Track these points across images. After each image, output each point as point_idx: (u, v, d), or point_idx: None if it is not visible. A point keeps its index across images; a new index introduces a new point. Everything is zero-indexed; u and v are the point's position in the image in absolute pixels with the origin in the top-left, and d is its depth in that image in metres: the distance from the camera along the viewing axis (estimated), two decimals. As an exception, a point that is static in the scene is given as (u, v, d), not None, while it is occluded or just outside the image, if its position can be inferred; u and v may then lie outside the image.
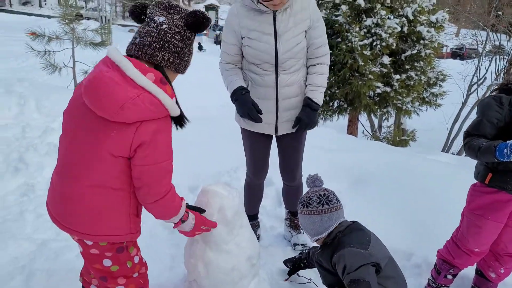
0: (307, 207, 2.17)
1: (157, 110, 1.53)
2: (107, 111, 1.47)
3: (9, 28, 24.01)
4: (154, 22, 1.60)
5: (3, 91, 5.56)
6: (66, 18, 8.31)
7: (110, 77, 1.48)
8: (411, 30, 9.69)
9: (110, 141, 1.52)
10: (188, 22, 1.62)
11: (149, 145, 1.54)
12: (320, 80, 2.55)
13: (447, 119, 13.19)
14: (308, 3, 2.44)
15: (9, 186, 3.63)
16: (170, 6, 1.65)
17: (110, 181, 1.60)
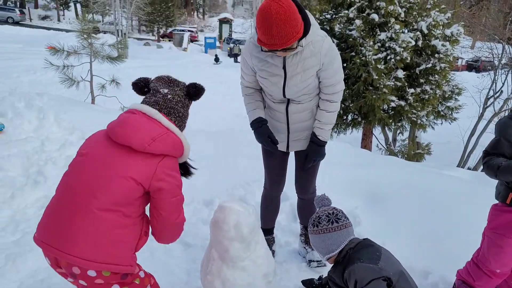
0: (317, 226, 2.20)
1: (178, 149, 1.85)
2: (140, 143, 1.72)
3: (29, 42, 24.62)
4: (160, 93, 1.92)
5: (23, 105, 5.68)
6: (84, 33, 8.49)
7: (138, 117, 1.80)
8: (426, 44, 9.66)
9: (135, 167, 1.71)
10: (189, 92, 1.99)
11: (170, 178, 1.79)
12: (327, 117, 2.56)
13: (463, 133, 13.04)
14: (319, 47, 2.34)
15: (29, 199, 3.70)
16: (170, 80, 1.99)
17: (123, 205, 1.69)
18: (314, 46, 2.33)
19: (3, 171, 4.03)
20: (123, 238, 1.71)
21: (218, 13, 57.40)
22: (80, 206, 1.64)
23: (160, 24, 41.87)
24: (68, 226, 1.63)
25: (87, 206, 1.63)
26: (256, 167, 4.03)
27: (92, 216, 1.62)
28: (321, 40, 2.35)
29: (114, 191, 1.66)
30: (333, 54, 2.40)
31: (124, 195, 1.68)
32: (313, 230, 2.23)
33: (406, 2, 9.81)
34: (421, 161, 11.24)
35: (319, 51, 2.34)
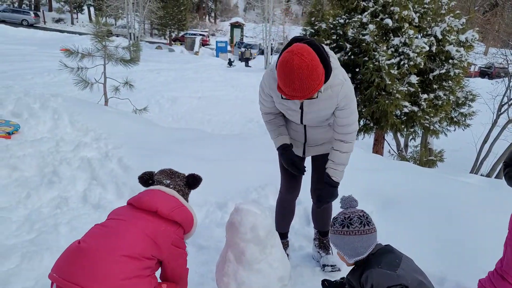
0: (348, 227, 2.11)
1: (189, 221, 2.15)
2: (166, 208, 2.02)
3: (43, 44, 24.95)
4: (163, 184, 2.20)
5: (38, 106, 5.74)
6: (98, 36, 8.58)
7: (161, 191, 2.13)
8: (440, 50, 9.59)
9: (158, 232, 1.95)
10: (189, 181, 2.32)
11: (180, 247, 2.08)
12: (341, 158, 2.54)
13: (476, 140, 12.91)
14: (337, 92, 2.31)
15: (44, 198, 3.73)
16: (171, 172, 2.32)
17: (142, 258, 1.85)
18: (332, 90, 2.30)
19: (19, 171, 4.07)
20: (140, 286, 1.83)
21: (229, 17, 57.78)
22: (104, 251, 1.78)
23: (172, 27, 42.21)
24: (94, 269, 1.73)
25: (111, 252, 1.77)
26: (269, 170, 4.03)
27: (115, 261, 1.76)
28: (340, 84, 2.31)
29: (137, 243, 1.85)
30: (350, 97, 2.38)
31: (144, 250, 1.86)
32: (341, 230, 2.12)
33: (420, 7, 9.76)
34: (433, 167, 11.14)
35: (336, 95, 2.31)
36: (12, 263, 2.70)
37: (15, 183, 3.90)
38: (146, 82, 17.20)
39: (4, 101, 5.72)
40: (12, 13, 38.68)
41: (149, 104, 10.78)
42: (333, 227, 2.19)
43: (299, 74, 2.00)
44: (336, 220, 2.18)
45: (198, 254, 3.08)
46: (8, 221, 3.25)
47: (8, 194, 3.71)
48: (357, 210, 2.18)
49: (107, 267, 1.73)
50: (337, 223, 2.17)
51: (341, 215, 2.18)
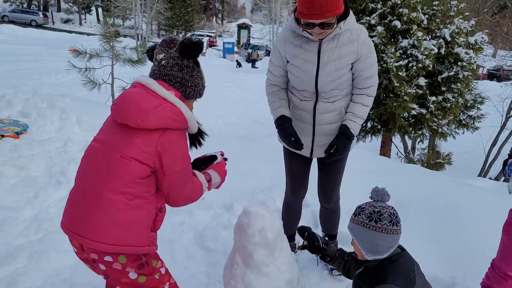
0: (375, 222, 1.93)
1: (178, 119, 1.70)
2: (133, 119, 1.62)
3: (52, 45, 25.10)
4: (156, 60, 1.80)
5: (46, 105, 5.77)
6: (106, 36, 8.63)
7: (136, 92, 1.70)
8: (449, 52, 9.53)
9: (135, 146, 1.65)
10: (181, 50, 1.78)
11: (172, 154, 1.70)
12: (362, 111, 2.47)
13: (485, 143, 12.82)
14: (357, 35, 2.29)
15: (51, 198, 3.74)
16: (170, 41, 1.84)
17: (130, 186, 1.65)
18: (351, 34, 2.28)
19: (27, 170, 4.09)
20: (136, 219, 1.67)
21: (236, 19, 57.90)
22: (92, 192, 1.65)
23: (179, 28, 42.39)
24: (84, 213, 1.66)
25: (98, 191, 1.64)
26: (276, 172, 4.01)
27: (103, 201, 1.62)
28: (359, 29, 2.32)
29: (120, 174, 1.64)
30: (370, 44, 2.37)
31: (131, 177, 1.64)
32: (368, 224, 1.94)
33: (429, 9, 9.71)
34: (441, 170, 11.07)
35: (357, 38, 2.29)
36: (20, 263, 2.70)
37: (22, 182, 3.92)
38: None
39: (13, 101, 5.76)
40: (21, 14, 39.02)
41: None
42: (357, 217, 2.00)
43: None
44: (362, 211, 2.00)
45: (206, 256, 3.07)
46: (16, 221, 3.26)
47: (16, 193, 3.72)
48: (388, 206, 2.00)
49: (98, 211, 1.62)
50: (363, 214, 1.98)
51: (370, 207, 1.99)
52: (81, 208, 1.68)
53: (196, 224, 3.43)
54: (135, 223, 1.67)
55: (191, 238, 3.25)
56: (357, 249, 2.04)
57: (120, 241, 1.64)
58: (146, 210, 1.71)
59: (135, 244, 1.67)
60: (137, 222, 1.68)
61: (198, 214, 3.55)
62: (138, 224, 1.68)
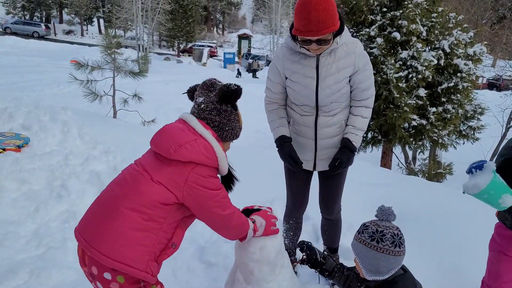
0: (377, 242, 1.90)
1: (210, 156, 1.74)
2: (168, 149, 1.68)
3: (54, 56, 25.24)
4: (196, 103, 1.87)
5: (48, 118, 5.79)
6: (108, 48, 8.69)
7: (175, 125, 1.79)
8: (448, 63, 9.59)
9: (166, 173, 1.69)
10: (219, 96, 1.82)
11: (203, 188, 1.72)
12: (362, 123, 2.52)
13: (485, 153, 12.81)
14: (354, 48, 2.35)
15: (52, 212, 3.73)
16: (210, 84, 1.88)
17: (149, 207, 1.66)
18: (348, 47, 2.34)
19: (28, 184, 4.09)
20: (141, 240, 1.66)
21: (237, 29, 58.24)
22: (111, 204, 1.69)
23: (180, 39, 42.63)
24: (97, 221, 1.69)
25: (116, 204, 1.67)
26: (277, 184, 4.00)
27: (119, 214, 1.65)
28: (355, 42, 2.38)
29: (143, 193, 1.67)
30: (366, 56, 2.43)
31: (152, 198, 1.67)
32: (370, 243, 1.92)
33: (428, 21, 9.78)
34: (442, 181, 11.05)
35: (353, 51, 2.34)
36: (21, 279, 2.69)
37: (24, 196, 3.92)
38: (154, 93, 17.30)
39: (15, 114, 5.78)
40: (23, 25, 39.31)
41: (157, 116, 10.85)
42: (360, 235, 1.98)
43: (315, 5, 2.05)
44: (366, 229, 1.97)
45: (207, 271, 3.06)
46: (17, 236, 3.26)
47: (17, 207, 3.72)
48: (392, 226, 1.96)
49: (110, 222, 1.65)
50: (366, 233, 1.95)
51: (374, 225, 1.96)
52: (96, 216, 1.72)
53: (197, 238, 3.42)
54: (138, 244, 1.66)
55: (192, 252, 3.24)
56: (359, 268, 2.02)
57: (119, 258, 1.62)
58: (156, 236, 1.70)
59: (131, 264, 1.64)
60: (141, 243, 1.66)
61: (199, 228, 3.54)
62: (141, 245, 1.66)
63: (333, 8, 2.12)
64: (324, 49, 2.27)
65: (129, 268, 1.64)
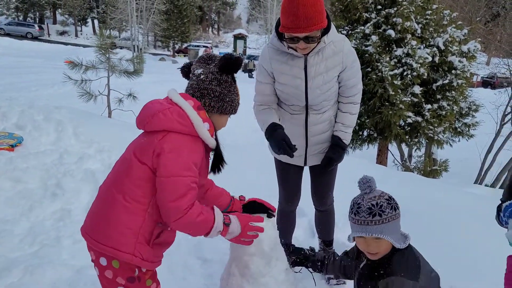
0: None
1: (184, 122, 1.66)
2: (142, 122, 1.69)
3: (48, 57, 25.16)
4: (194, 75, 1.81)
5: (42, 118, 5.76)
6: (102, 48, 8.66)
7: (156, 99, 1.77)
8: (442, 60, 9.62)
9: (139, 146, 1.69)
10: (221, 66, 1.77)
11: (169, 154, 1.60)
12: (351, 120, 2.53)
13: (480, 150, 12.88)
14: (342, 46, 2.32)
15: (47, 211, 3.71)
16: (208, 57, 1.84)
17: (129, 186, 1.64)
18: (335, 45, 2.30)
19: (22, 183, 4.07)
20: (127, 224, 1.62)
21: (232, 29, 58.24)
22: (106, 191, 1.72)
23: (175, 39, 42.59)
24: (94, 210, 1.73)
25: (108, 189, 1.69)
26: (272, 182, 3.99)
27: (109, 200, 1.67)
28: (342, 40, 2.35)
29: (127, 173, 1.66)
30: (354, 53, 2.41)
31: (134, 178, 1.64)
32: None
33: (422, 18, 9.82)
34: (437, 178, 11.09)
35: (341, 50, 2.31)
36: (15, 277, 2.68)
37: (18, 195, 3.90)
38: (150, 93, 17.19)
39: (8, 114, 5.75)
40: (17, 26, 39.15)
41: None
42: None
43: (303, 2, 2.01)
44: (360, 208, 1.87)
45: (203, 267, 3.06)
46: (11, 234, 3.24)
47: (12, 206, 3.70)
48: (383, 194, 1.89)
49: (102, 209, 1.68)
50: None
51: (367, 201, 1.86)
52: (94, 206, 1.76)
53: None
54: (125, 227, 1.62)
55: (189, 249, 3.23)
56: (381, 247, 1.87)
57: (108, 242, 1.62)
58: (141, 217, 1.64)
59: (118, 248, 1.61)
60: (128, 227, 1.63)
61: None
62: (128, 228, 1.63)
63: (321, 4, 2.09)
64: (311, 47, 2.22)
65: (116, 251, 1.62)
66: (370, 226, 1.83)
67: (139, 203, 1.64)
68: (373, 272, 1.92)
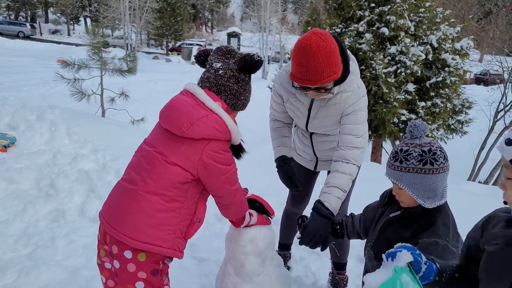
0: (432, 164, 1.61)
1: (222, 130, 1.70)
2: (180, 127, 1.66)
3: (40, 56, 24.95)
4: (213, 68, 1.80)
5: (35, 118, 5.72)
6: (95, 46, 8.59)
7: (184, 100, 1.73)
8: (436, 58, 9.65)
9: (180, 153, 1.69)
10: (241, 65, 1.78)
11: (216, 162, 1.71)
12: (340, 180, 2.10)
13: (473, 147, 12.95)
14: (345, 99, 2.14)
15: (40, 211, 3.69)
16: (227, 51, 1.82)
17: (168, 189, 1.69)
18: (341, 96, 2.15)
19: (15, 183, 4.04)
20: (166, 221, 1.70)
21: (226, 27, 58.09)
22: (131, 189, 1.72)
23: (169, 38, 42.42)
24: (120, 206, 1.73)
25: (135, 189, 1.70)
26: (268, 182, 4.00)
27: (139, 198, 1.68)
28: (351, 91, 2.15)
29: (160, 176, 1.69)
30: (359, 106, 2.17)
31: (170, 180, 1.69)
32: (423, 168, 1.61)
33: (415, 16, 9.84)
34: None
35: (344, 101, 2.15)
36: (9, 278, 2.66)
37: (11, 196, 3.87)
38: (144, 92, 17.20)
39: (0, 113, 5.69)
40: (8, 25, 38.79)
41: (147, 115, 10.79)
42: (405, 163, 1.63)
43: (315, 53, 1.86)
44: (409, 155, 1.63)
45: (199, 266, 3.05)
46: (5, 235, 3.22)
47: (5, 207, 3.67)
48: (432, 142, 1.66)
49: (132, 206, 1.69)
50: (412, 158, 1.62)
51: (417, 147, 1.63)
52: (118, 201, 1.76)
53: (188, 235, 3.40)
54: (165, 224, 1.70)
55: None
56: (407, 197, 1.69)
57: (146, 238, 1.67)
58: (179, 214, 1.74)
59: (160, 244, 1.69)
60: (167, 224, 1.71)
61: (190, 224, 3.53)
62: (167, 225, 1.71)
63: (335, 56, 1.92)
64: (323, 95, 2.09)
65: (157, 248, 1.69)
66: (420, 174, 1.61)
67: (178, 201, 1.72)
68: (410, 223, 1.72)
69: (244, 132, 8.05)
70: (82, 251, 3.03)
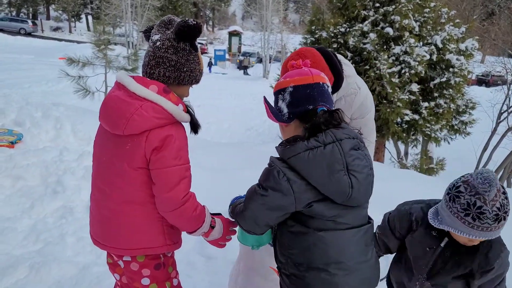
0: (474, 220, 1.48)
1: (162, 117, 1.56)
2: (118, 127, 1.56)
3: (41, 53, 24.96)
4: (152, 41, 1.64)
5: (40, 115, 5.72)
6: (99, 44, 8.60)
7: (116, 95, 1.60)
8: (440, 58, 9.64)
9: (126, 154, 1.59)
10: (176, 33, 1.60)
11: (160, 150, 1.55)
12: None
13: (476, 148, 12.93)
14: (351, 101, 2.19)
15: (48, 208, 3.68)
16: (168, 21, 1.67)
17: (135, 194, 1.62)
18: (346, 100, 2.18)
19: (23, 180, 4.03)
20: (149, 222, 1.66)
21: (227, 26, 58.00)
22: (104, 204, 1.68)
23: (170, 36, 42.30)
24: (102, 222, 1.70)
25: (108, 203, 1.66)
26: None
27: (115, 210, 1.65)
28: (354, 93, 2.19)
29: (123, 185, 1.61)
30: (366, 106, 2.23)
31: (133, 185, 1.60)
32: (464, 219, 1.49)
33: (420, 16, 9.83)
34: (433, 175, 11.14)
35: (350, 105, 2.18)
36: (21, 274, 2.67)
37: (19, 193, 3.87)
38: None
39: (6, 110, 5.69)
40: (10, 22, 38.69)
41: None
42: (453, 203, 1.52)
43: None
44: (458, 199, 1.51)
45: (207, 264, 3.05)
46: (14, 231, 3.21)
47: (12, 204, 3.67)
48: (496, 196, 1.47)
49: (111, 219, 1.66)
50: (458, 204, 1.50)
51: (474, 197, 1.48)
52: (97, 218, 1.73)
53: (197, 232, 3.41)
54: (149, 225, 1.67)
55: (192, 246, 3.22)
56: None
57: (138, 245, 1.67)
58: (157, 211, 1.66)
59: (152, 246, 1.68)
60: (151, 224, 1.67)
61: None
62: (152, 225, 1.68)
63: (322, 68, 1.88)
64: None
65: (150, 249, 1.69)
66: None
67: (150, 200, 1.63)
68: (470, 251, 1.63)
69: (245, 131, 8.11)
70: (92, 248, 3.03)
